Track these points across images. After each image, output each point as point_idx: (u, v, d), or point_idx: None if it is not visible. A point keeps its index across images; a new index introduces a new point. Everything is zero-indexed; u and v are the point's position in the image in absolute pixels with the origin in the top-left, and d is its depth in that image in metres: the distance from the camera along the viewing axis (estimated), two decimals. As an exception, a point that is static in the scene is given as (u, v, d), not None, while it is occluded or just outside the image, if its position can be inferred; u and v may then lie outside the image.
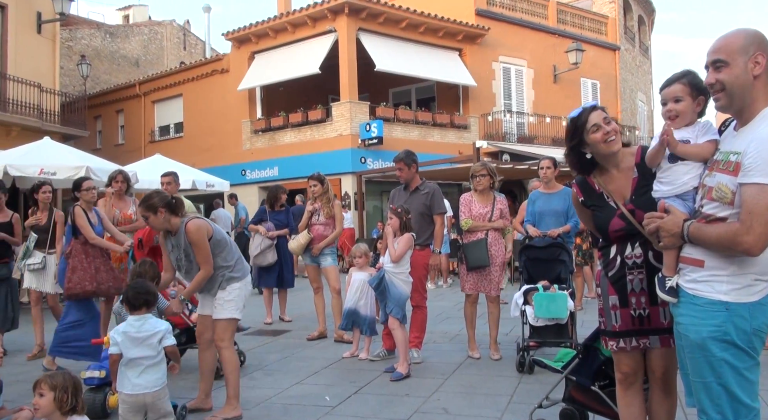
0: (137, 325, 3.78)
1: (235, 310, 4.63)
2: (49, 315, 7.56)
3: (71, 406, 3.25)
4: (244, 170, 21.23)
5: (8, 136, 17.06)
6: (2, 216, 7.54)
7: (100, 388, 4.77)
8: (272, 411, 4.82)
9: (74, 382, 3.32)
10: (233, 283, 4.62)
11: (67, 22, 23.12)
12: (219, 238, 4.61)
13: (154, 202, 4.49)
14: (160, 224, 4.55)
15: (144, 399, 3.66)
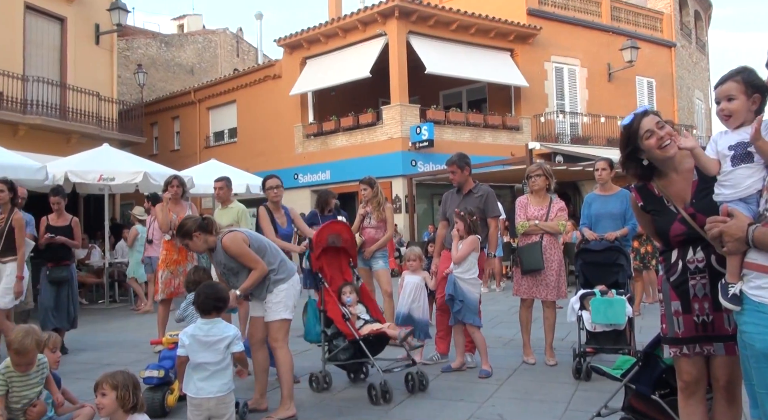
0: (206, 328, 3.80)
1: (285, 310, 4.71)
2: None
3: (133, 404, 3.35)
4: (297, 174, 21.46)
5: (68, 143, 17.66)
6: (62, 220, 7.84)
7: (159, 388, 4.87)
8: (327, 412, 4.85)
9: (134, 380, 3.42)
10: (279, 285, 4.70)
11: (123, 32, 23.82)
12: (257, 245, 4.72)
13: (188, 227, 4.66)
14: (201, 246, 4.69)
15: (208, 403, 3.70)
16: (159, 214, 7.70)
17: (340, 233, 5.69)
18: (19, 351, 3.79)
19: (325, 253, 5.59)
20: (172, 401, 4.90)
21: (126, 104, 21.59)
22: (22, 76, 17.13)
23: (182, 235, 4.68)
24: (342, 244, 5.69)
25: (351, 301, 5.36)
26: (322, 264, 5.55)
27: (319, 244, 5.49)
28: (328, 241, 5.55)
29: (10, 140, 15.38)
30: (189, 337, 3.78)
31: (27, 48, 17.83)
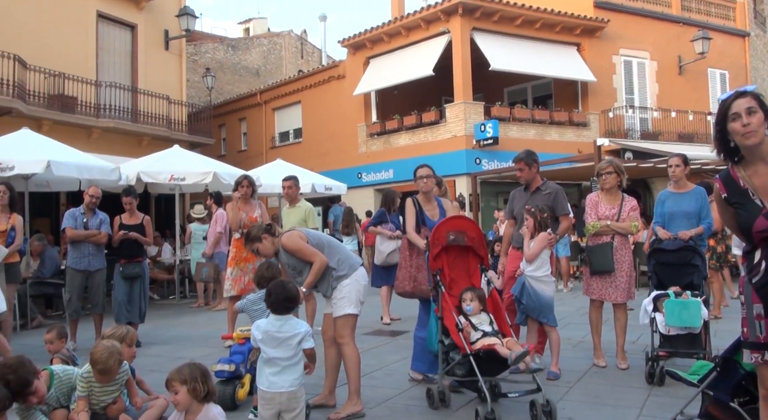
0: (278, 325, 3.83)
1: (349, 306, 4.71)
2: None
3: (205, 392, 3.47)
4: (360, 173, 21.58)
5: (140, 146, 18.28)
6: (134, 218, 8.14)
7: (230, 381, 4.98)
8: (394, 411, 4.84)
9: (202, 370, 3.51)
10: (342, 280, 4.72)
11: (192, 37, 24.46)
12: (315, 241, 4.77)
13: (255, 232, 4.82)
14: (270, 249, 4.80)
15: (280, 397, 3.73)
16: (229, 213, 7.89)
17: (465, 230, 5.14)
18: (102, 371, 3.92)
19: (447, 252, 5.11)
20: (243, 395, 5.03)
21: (195, 107, 22.17)
22: (96, 81, 17.83)
23: (251, 240, 4.79)
24: (467, 243, 5.12)
25: (471, 309, 4.82)
26: (441, 265, 5.07)
27: (436, 243, 5.03)
28: (448, 239, 5.04)
29: (84, 143, 16.03)
30: (262, 332, 3.81)
31: (99, 54, 18.56)
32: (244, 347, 5.22)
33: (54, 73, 16.61)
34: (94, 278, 7.81)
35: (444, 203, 6.15)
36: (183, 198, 16.98)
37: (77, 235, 7.69)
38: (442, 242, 5.04)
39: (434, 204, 6.04)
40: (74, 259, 7.74)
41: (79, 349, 6.67)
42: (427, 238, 5.26)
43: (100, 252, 7.93)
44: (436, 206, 6.03)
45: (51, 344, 4.97)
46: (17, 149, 10.08)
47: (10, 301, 7.39)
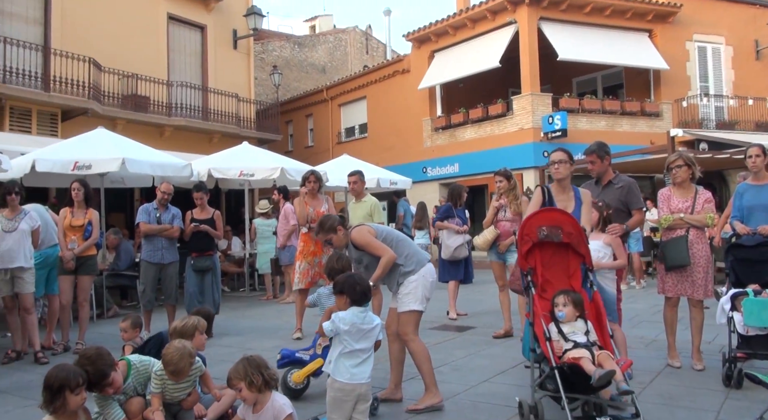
0: (362, 316, 3.86)
1: (414, 302, 4.67)
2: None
3: (263, 381, 3.51)
4: (425, 167, 21.52)
5: (210, 143, 18.76)
6: (205, 213, 8.39)
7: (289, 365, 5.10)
8: (462, 407, 4.79)
9: (255, 362, 3.56)
10: (409, 276, 4.68)
11: (259, 36, 24.91)
12: (383, 236, 4.76)
13: (332, 223, 4.87)
14: (342, 240, 4.85)
15: (360, 389, 3.76)
16: (297, 208, 8.01)
17: (560, 225, 4.50)
18: (174, 372, 4.03)
19: (541, 249, 4.56)
20: (296, 377, 5.04)
21: (263, 104, 22.56)
22: (167, 81, 18.39)
23: (326, 231, 4.84)
24: (564, 239, 4.50)
25: (564, 315, 4.24)
26: (534, 263, 4.55)
27: (525, 239, 4.52)
28: (540, 235, 4.48)
29: (157, 141, 16.57)
30: (349, 325, 3.80)
31: (171, 55, 19.15)
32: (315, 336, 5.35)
33: (127, 75, 17.22)
34: (167, 270, 8.05)
35: (583, 195, 5.33)
36: (252, 193, 17.29)
37: (150, 230, 7.94)
38: (532, 238, 4.50)
39: (570, 194, 5.29)
40: (148, 252, 8.01)
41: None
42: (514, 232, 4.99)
43: (172, 245, 8.17)
44: (572, 197, 5.28)
45: (125, 333, 5.14)
46: (93, 148, 10.46)
47: (87, 291, 7.72)
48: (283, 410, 3.51)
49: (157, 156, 11.38)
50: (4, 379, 6.17)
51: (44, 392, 3.42)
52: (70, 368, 3.54)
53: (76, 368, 3.58)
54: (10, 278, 6.83)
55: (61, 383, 3.40)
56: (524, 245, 4.52)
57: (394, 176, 16.53)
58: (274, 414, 3.50)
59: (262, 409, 3.53)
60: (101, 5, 17.14)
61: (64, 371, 3.48)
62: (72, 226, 7.49)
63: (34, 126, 14.92)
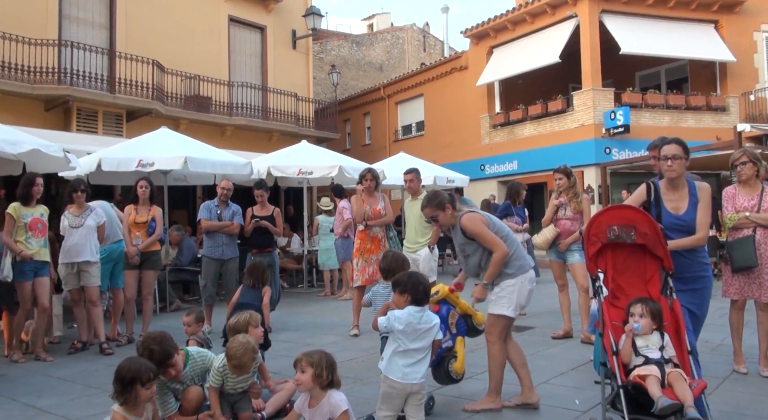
0: (418, 316, 3.78)
1: (506, 307, 4.45)
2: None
3: (328, 381, 3.52)
4: (483, 165, 21.32)
5: (270, 141, 19.04)
6: (265, 210, 8.52)
7: (440, 363, 4.62)
8: (519, 408, 4.66)
9: (330, 360, 3.57)
10: (506, 279, 4.47)
11: (318, 36, 25.13)
12: (494, 228, 4.51)
13: (442, 199, 4.58)
14: (448, 220, 4.60)
15: (411, 388, 3.73)
16: (354, 206, 8.02)
17: (634, 224, 3.98)
18: (238, 366, 4.09)
19: (614, 251, 4.07)
20: (459, 367, 4.65)
21: (321, 103, 22.76)
22: (228, 82, 18.76)
23: (435, 206, 4.58)
24: (638, 240, 3.97)
25: (640, 327, 3.74)
26: (605, 267, 4.07)
27: (594, 239, 4.04)
28: (609, 236, 4.00)
29: (218, 140, 16.91)
30: (404, 324, 3.76)
31: (231, 56, 19.53)
32: (441, 312, 4.55)
33: (190, 76, 17.63)
34: (227, 266, 8.20)
35: (700, 190, 4.53)
36: (311, 191, 17.49)
37: (211, 226, 8.10)
38: (601, 238, 4.02)
39: (683, 192, 4.53)
40: (209, 248, 8.17)
41: (213, 333, 7.00)
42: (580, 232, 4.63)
43: (233, 242, 8.31)
44: (685, 195, 4.52)
45: (189, 327, 5.24)
46: (157, 147, 10.73)
47: (150, 285, 7.94)
48: (339, 407, 3.51)
49: (218, 155, 11.60)
50: (71, 368, 6.39)
51: (116, 384, 3.50)
52: (143, 362, 3.64)
53: (148, 362, 3.67)
54: (76, 272, 7.10)
55: (133, 376, 3.48)
56: (592, 247, 4.05)
57: (452, 174, 16.42)
58: (330, 409, 3.51)
59: (317, 405, 3.54)
60: (164, 9, 17.61)
61: (137, 364, 3.57)
62: (136, 222, 7.71)
63: (100, 126, 15.43)
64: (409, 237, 7.95)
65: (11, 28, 14.16)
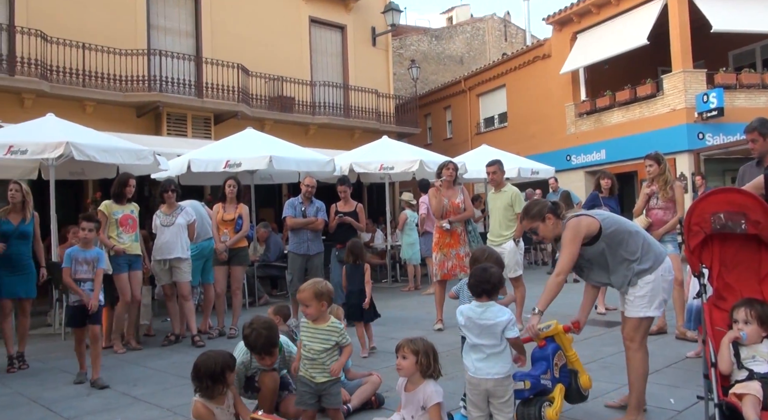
0: (479, 311, 3.70)
1: (648, 306, 3.95)
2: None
3: (430, 371, 3.53)
4: (569, 155, 20.78)
5: (351, 138, 19.25)
6: (348, 206, 8.61)
7: (532, 401, 3.90)
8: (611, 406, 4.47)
9: (433, 349, 3.59)
10: (644, 276, 3.93)
11: (397, 32, 25.19)
12: (611, 230, 3.96)
13: (539, 209, 4.13)
14: (551, 232, 4.12)
15: (485, 384, 3.65)
16: (432, 200, 7.95)
17: (744, 210, 3.44)
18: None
19: (723, 243, 3.60)
20: (553, 414, 3.86)
21: (401, 99, 22.80)
22: (310, 81, 19.07)
23: (531, 218, 4.16)
24: (750, 230, 3.43)
25: (746, 336, 3.33)
26: (710, 261, 3.62)
27: (695, 229, 3.56)
28: (714, 225, 3.49)
29: (302, 138, 17.22)
30: (465, 318, 3.73)
31: (313, 56, 19.87)
32: (546, 350, 4.02)
33: (273, 78, 18.04)
34: (313, 261, 8.33)
35: None
36: (392, 186, 17.55)
37: (296, 224, 8.24)
38: (704, 228, 3.50)
39: None
40: (295, 244, 8.32)
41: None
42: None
43: (317, 237, 8.44)
44: None
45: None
46: (244, 147, 11.05)
47: (239, 280, 8.18)
48: (432, 397, 3.50)
49: (301, 153, 11.83)
50: (164, 359, 6.67)
51: (200, 379, 3.59)
52: (221, 354, 3.72)
53: (225, 354, 3.75)
54: (168, 268, 7.42)
55: (222, 368, 3.60)
56: (693, 238, 3.54)
57: (536, 165, 16.11)
58: (424, 397, 3.52)
59: (413, 390, 3.57)
60: (247, 14, 18.08)
61: (219, 357, 3.67)
62: (224, 220, 7.95)
63: (189, 129, 16.03)
64: (493, 230, 7.80)
65: (104, 40, 14.89)
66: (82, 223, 5.75)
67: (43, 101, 13.53)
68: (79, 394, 5.42)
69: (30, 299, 6.81)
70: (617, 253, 3.97)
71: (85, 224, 5.74)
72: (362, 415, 4.29)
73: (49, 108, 10.76)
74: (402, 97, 23.19)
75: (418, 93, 25.74)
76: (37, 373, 6.34)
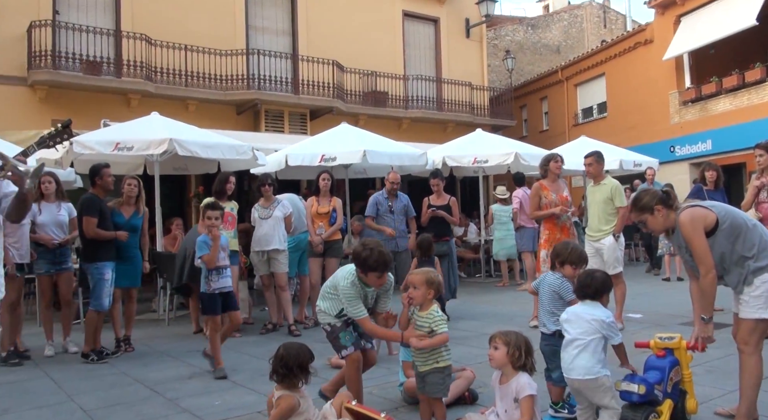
0: (584, 307, 3.76)
1: (765, 307, 3.67)
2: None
3: (522, 363, 3.53)
4: (673, 146, 19.85)
5: (444, 132, 19.16)
6: (441, 200, 8.60)
7: (640, 407, 3.71)
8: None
9: (527, 342, 3.59)
10: (761, 274, 3.66)
11: (491, 23, 24.82)
12: (727, 224, 3.71)
13: (648, 200, 3.91)
14: (661, 224, 3.89)
15: (573, 384, 3.62)
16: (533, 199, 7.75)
17: None
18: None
19: None
20: None
21: (496, 90, 22.50)
22: (404, 76, 19.14)
23: (640, 209, 3.96)
24: None
25: None
26: None
27: None
28: None
29: (395, 133, 17.33)
30: (570, 314, 3.77)
31: (406, 50, 19.96)
32: (664, 361, 3.86)
33: (367, 73, 18.24)
34: (401, 257, 8.33)
35: None
36: (486, 180, 17.34)
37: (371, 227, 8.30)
38: None
39: None
40: (384, 239, 8.34)
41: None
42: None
43: (405, 234, 8.46)
44: None
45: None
46: (338, 142, 11.24)
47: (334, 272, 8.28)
48: (524, 388, 3.49)
49: (395, 147, 11.89)
50: (262, 347, 6.90)
51: (294, 368, 3.63)
52: (303, 345, 3.79)
53: (304, 345, 3.81)
54: (266, 259, 7.69)
55: (308, 359, 3.67)
56: None
57: (638, 157, 15.48)
58: (516, 388, 3.52)
59: (507, 382, 3.58)
60: (341, 11, 18.36)
61: (305, 348, 3.74)
62: (318, 213, 8.11)
63: (286, 125, 16.48)
64: (591, 225, 7.49)
65: (205, 42, 15.57)
66: (208, 212, 5.85)
67: (148, 101, 14.28)
68: (180, 377, 5.71)
69: (136, 288, 7.22)
70: (733, 249, 3.71)
71: (211, 213, 5.84)
72: (455, 410, 4.27)
73: (154, 107, 11.35)
74: (496, 88, 22.88)
75: (513, 84, 25.31)
76: (141, 356, 6.73)
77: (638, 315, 7.84)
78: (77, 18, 14.51)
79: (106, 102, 14.16)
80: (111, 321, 7.12)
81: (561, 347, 3.79)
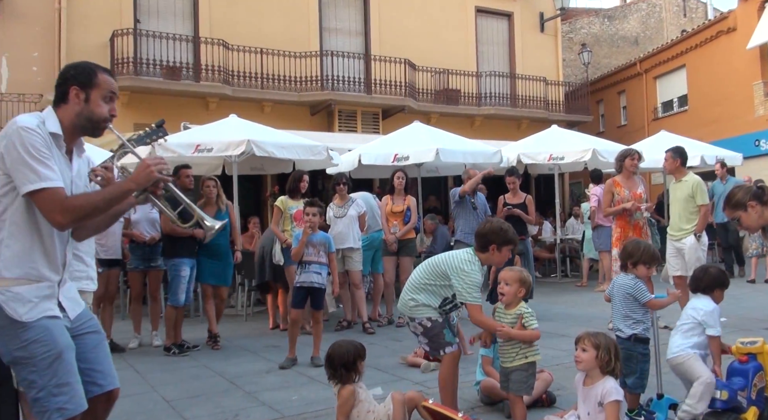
0: (693, 302, 3.91)
1: None
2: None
3: (610, 367, 3.46)
4: (758, 140, 18.93)
5: (518, 129, 18.93)
6: (517, 198, 8.50)
7: (723, 414, 3.63)
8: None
9: (615, 345, 3.54)
10: None
11: (566, 16, 24.32)
12: None
13: (741, 196, 3.92)
14: (755, 221, 3.89)
15: (670, 366, 3.63)
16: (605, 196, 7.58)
17: None
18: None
19: None
20: None
21: (571, 85, 22.07)
22: (476, 72, 19.01)
23: (733, 206, 3.96)
24: None
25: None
26: None
27: None
28: None
29: (467, 130, 17.25)
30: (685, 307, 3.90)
31: (479, 47, 19.84)
32: (747, 367, 3.72)
33: (439, 71, 18.22)
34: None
35: None
36: (562, 177, 17.04)
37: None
38: None
39: None
40: (464, 233, 8.31)
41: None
42: None
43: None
44: None
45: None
46: (411, 141, 11.26)
47: (408, 271, 8.28)
48: (611, 393, 3.43)
49: (468, 145, 11.82)
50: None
51: (339, 367, 3.76)
52: (352, 342, 3.90)
53: (356, 341, 3.92)
54: (341, 257, 7.79)
55: (354, 357, 3.77)
56: None
57: (721, 152, 14.84)
58: (602, 393, 3.45)
59: (592, 385, 3.52)
60: (413, 9, 18.40)
61: (353, 345, 3.84)
62: (393, 212, 8.18)
63: (358, 125, 16.65)
64: (673, 223, 7.24)
65: (280, 45, 15.92)
66: (307, 209, 6.14)
67: (225, 104, 14.71)
68: (259, 371, 5.88)
69: (226, 287, 7.44)
70: None
71: (309, 209, 6.11)
72: (533, 412, 4.22)
73: (231, 109, 11.68)
74: (572, 83, 22.43)
75: (590, 78, 24.72)
76: (221, 350, 6.96)
77: (722, 318, 7.52)
78: (157, 26, 15.09)
79: (186, 105, 14.67)
80: (206, 316, 7.37)
81: (637, 351, 3.76)
